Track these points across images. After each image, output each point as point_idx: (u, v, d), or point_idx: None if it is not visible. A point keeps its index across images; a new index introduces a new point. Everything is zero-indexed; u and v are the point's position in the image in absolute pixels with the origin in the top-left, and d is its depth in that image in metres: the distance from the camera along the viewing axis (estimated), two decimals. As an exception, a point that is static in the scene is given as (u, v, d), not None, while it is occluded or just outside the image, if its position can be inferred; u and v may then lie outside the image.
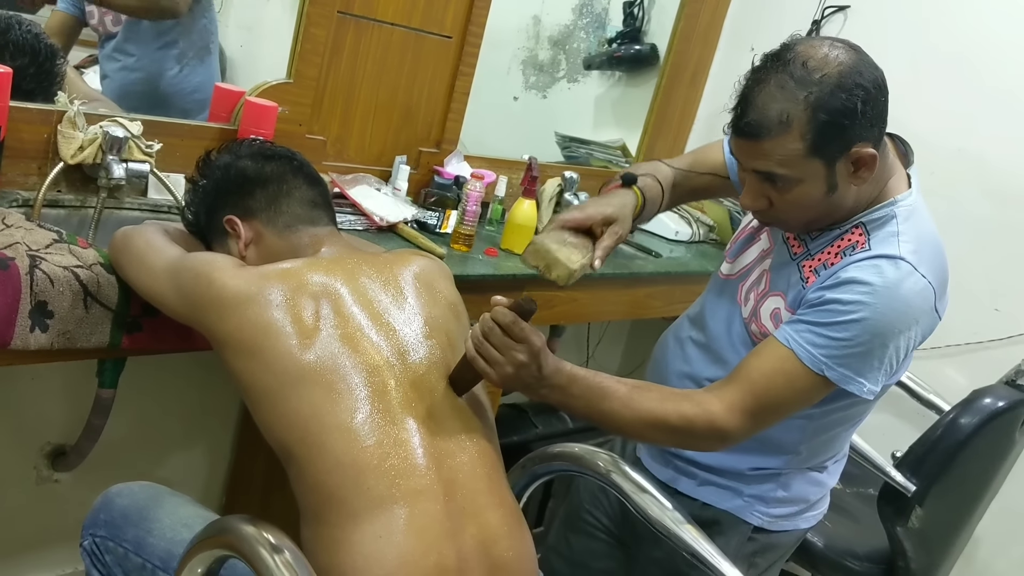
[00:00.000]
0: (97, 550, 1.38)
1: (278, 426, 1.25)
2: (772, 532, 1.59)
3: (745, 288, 1.53)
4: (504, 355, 1.27)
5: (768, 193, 1.35)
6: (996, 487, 2.26)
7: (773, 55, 1.31)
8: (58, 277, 1.39)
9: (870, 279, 1.31)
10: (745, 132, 1.30)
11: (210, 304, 1.28)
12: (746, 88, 1.31)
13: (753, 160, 1.33)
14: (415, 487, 1.22)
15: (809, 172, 1.30)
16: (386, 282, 1.39)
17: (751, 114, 1.29)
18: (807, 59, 1.27)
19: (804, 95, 1.25)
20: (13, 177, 1.71)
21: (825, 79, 1.25)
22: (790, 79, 1.26)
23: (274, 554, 1.10)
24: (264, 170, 1.48)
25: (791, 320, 1.38)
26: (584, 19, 2.96)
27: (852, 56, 1.28)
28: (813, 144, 1.27)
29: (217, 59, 2.30)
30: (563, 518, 1.82)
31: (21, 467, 1.95)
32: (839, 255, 1.38)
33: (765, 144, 1.29)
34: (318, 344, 1.26)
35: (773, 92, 1.27)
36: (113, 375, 1.74)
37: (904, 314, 1.33)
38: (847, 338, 1.32)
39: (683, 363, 1.58)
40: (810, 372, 1.34)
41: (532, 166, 2.27)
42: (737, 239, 1.62)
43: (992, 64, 2.52)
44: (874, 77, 1.29)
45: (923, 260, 1.34)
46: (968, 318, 2.54)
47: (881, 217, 1.38)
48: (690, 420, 1.36)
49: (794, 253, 1.45)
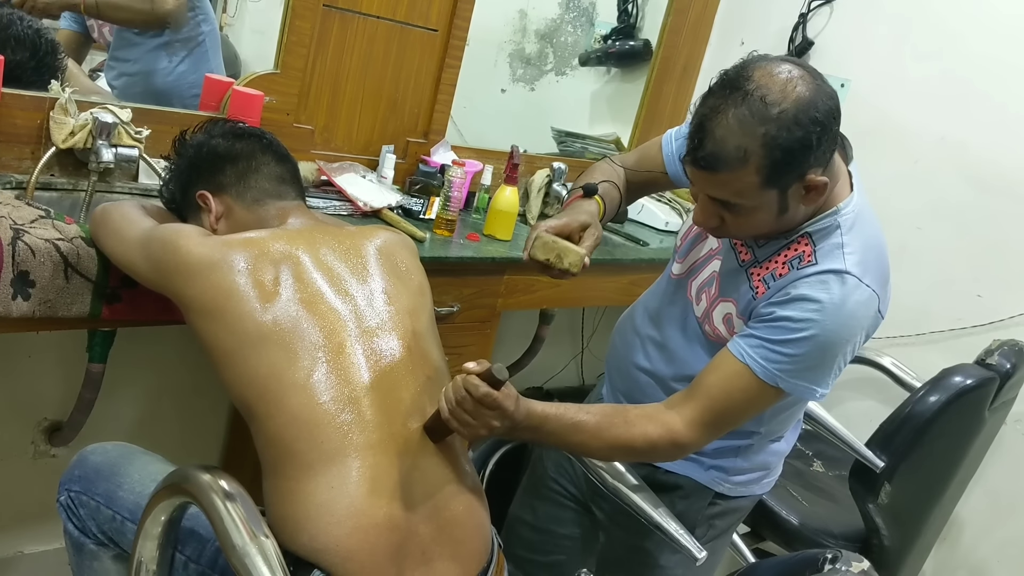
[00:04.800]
0: (72, 504, 1.46)
1: (239, 384, 1.32)
2: (732, 498, 1.64)
3: (695, 285, 1.57)
4: (477, 420, 1.30)
5: (721, 214, 1.38)
6: (966, 465, 2.28)
7: (731, 82, 1.29)
8: (39, 248, 1.47)
9: (818, 296, 1.35)
10: (702, 164, 1.31)
11: (176, 270, 1.36)
12: (704, 117, 1.30)
13: (708, 188, 1.35)
14: (367, 441, 1.29)
15: (763, 200, 1.33)
16: (347, 251, 1.45)
17: (708, 146, 1.29)
18: (765, 92, 1.26)
19: (762, 131, 1.25)
20: (7, 161, 1.80)
21: (782, 116, 1.25)
22: (748, 114, 1.25)
23: (226, 501, 1.18)
24: (234, 147, 1.55)
25: (745, 334, 1.42)
26: (571, 13, 3.02)
27: (810, 87, 1.27)
28: (768, 177, 1.29)
29: (214, 53, 2.35)
30: (526, 486, 1.87)
31: (19, 442, 2.03)
32: (786, 265, 1.41)
33: (721, 176, 1.30)
34: (277, 307, 1.33)
35: (731, 126, 1.26)
36: (102, 350, 1.82)
37: (851, 326, 1.37)
38: (799, 354, 1.36)
39: (644, 359, 1.63)
40: (765, 385, 1.39)
41: (514, 154, 2.33)
42: (686, 238, 1.64)
43: (974, 53, 2.55)
44: (828, 108, 1.28)
45: (867, 269, 1.38)
46: (951, 304, 2.57)
47: (826, 228, 1.40)
48: (654, 442, 1.42)
49: (742, 260, 1.48)
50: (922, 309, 2.59)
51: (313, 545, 1.23)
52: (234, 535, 1.14)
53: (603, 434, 1.42)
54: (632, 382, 1.64)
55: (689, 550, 1.48)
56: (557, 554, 1.82)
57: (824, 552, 1.22)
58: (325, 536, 1.23)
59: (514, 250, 2.29)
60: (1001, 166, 2.50)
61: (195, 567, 1.34)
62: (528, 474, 1.87)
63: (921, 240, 2.58)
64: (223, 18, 2.58)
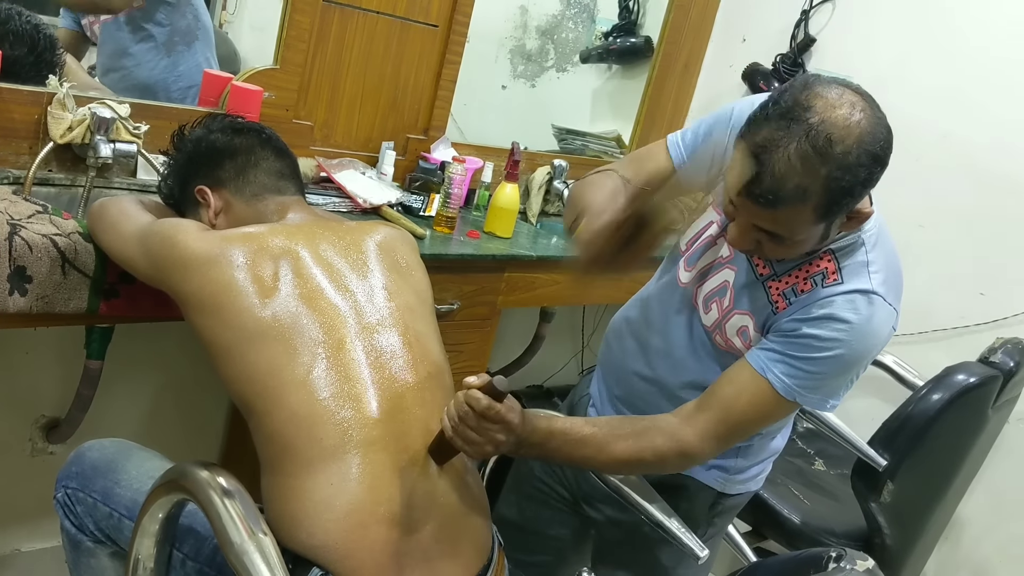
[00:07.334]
0: (69, 501, 1.44)
1: (238, 380, 1.31)
2: (731, 495, 1.63)
3: (703, 294, 1.52)
4: (481, 436, 1.28)
5: (760, 239, 1.33)
6: (969, 464, 2.27)
7: (789, 112, 1.22)
8: (36, 244, 1.46)
9: (848, 316, 1.33)
10: (759, 200, 1.24)
11: (174, 265, 1.35)
12: (761, 149, 1.22)
13: (758, 220, 1.29)
14: (367, 438, 1.27)
15: (810, 234, 1.30)
16: (347, 247, 1.44)
17: (767, 182, 1.22)
18: (830, 130, 1.19)
19: (824, 172, 1.20)
20: (5, 156, 1.79)
21: (847, 157, 1.20)
22: (812, 152, 1.19)
23: (224, 498, 1.16)
24: (233, 142, 1.54)
25: (765, 347, 1.39)
26: (572, 9, 3.01)
27: (870, 119, 1.22)
28: (823, 214, 1.25)
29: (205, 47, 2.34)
30: (511, 485, 1.85)
31: (16, 439, 2.02)
32: (808, 281, 1.38)
33: (777, 213, 1.25)
34: (276, 302, 1.32)
35: (793, 164, 1.20)
36: (100, 346, 1.81)
37: (875, 345, 1.37)
38: (822, 371, 1.36)
39: (646, 367, 1.59)
40: (783, 400, 1.37)
41: (515, 151, 2.32)
42: (693, 243, 1.58)
43: (977, 50, 2.53)
44: (886, 142, 1.23)
45: (891, 288, 1.37)
46: (954, 302, 2.56)
47: (850, 244, 1.38)
48: (663, 454, 1.40)
49: (760, 273, 1.44)
50: (925, 307, 2.58)
51: (312, 542, 1.22)
52: (232, 532, 1.12)
53: (610, 449, 1.40)
54: (632, 389, 1.62)
55: (692, 550, 1.47)
56: (542, 554, 1.80)
57: (828, 551, 1.21)
58: (324, 533, 1.22)
59: (515, 247, 2.28)
60: (1004, 163, 2.48)
61: (193, 564, 1.33)
62: (513, 472, 1.85)
63: (924, 238, 2.57)
64: (222, 15, 2.57)
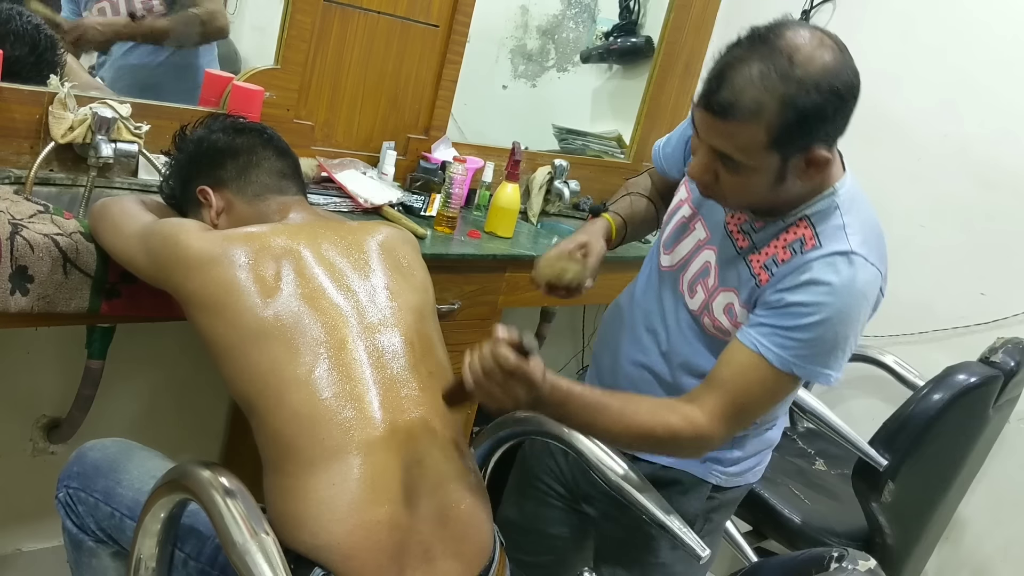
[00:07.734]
0: (71, 501, 1.44)
1: (240, 379, 1.31)
2: (728, 489, 1.63)
3: (687, 279, 1.54)
4: (505, 391, 1.26)
5: (717, 169, 1.35)
6: (970, 464, 2.27)
7: (761, 36, 1.28)
8: (38, 243, 1.46)
9: (828, 278, 1.34)
10: (714, 109, 1.28)
11: (176, 264, 1.35)
12: (725, 64, 1.28)
13: (713, 137, 1.33)
14: (369, 438, 1.27)
15: (764, 163, 1.31)
16: (349, 247, 1.44)
17: (724, 92, 1.26)
18: (793, 52, 1.24)
19: (782, 90, 1.23)
20: (6, 156, 1.78)
21: (806, 78, 1.23)
22: (772, 69, 1.24)
23: (226, 498, 1.16)
24: (235, 142, 1.54)
25: (754, 323, 1.40)
26: (573, 9, 3.01)
27: (837, 58, 1.26)
28: (776, 139, 1.27)
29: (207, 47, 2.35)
30: (512, 486, 1.85)
31: (17, 439, 2.02)
32: (787, 250, 1.39)
33: (730, 125, 1.27)
34: (278, 302, 1.32)
35: (752, 78, 1.24)
36: (101, 346, 1.81)
37: (861, 305, 1.36)
38: (812, 338, 1.35)
39: (641, 354, 1.61)
40: (781, 373, 1.37)
41: (515, 151, 2.32)
42: (670, 229, 1.62)
43: (977, 50, 2.54)
44: (851, 83, 1.27)
45: (871, 248, 1.37)
46: (954, 302, 2.56)
47: (825, 209, 1.39)
48: (676, 432, 1.39)
49: (739, 247, 1.46)
50: (925, 307, 2.58)
51: (314, 542, 1.22)
52: (234, 532, 1.12)
53: (625, 419, 1.38)
54: (625, 379, 1.62)
55: (693, 549, 1.47)
56: (545, 554, 1.80)
57: (830, 550, 1.21)
58: (326, 533, 1.22)
59: (516, 247, 2.28)
60: (1004, 163, 2.49)
61: (195, 564, 1.33)
62: (514, 473, 1.85)
63: (924, 237, 2.57)
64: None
